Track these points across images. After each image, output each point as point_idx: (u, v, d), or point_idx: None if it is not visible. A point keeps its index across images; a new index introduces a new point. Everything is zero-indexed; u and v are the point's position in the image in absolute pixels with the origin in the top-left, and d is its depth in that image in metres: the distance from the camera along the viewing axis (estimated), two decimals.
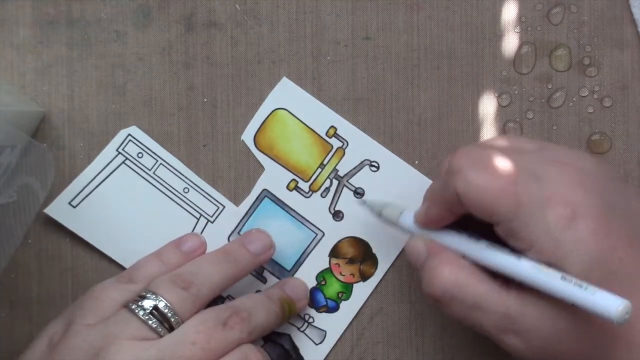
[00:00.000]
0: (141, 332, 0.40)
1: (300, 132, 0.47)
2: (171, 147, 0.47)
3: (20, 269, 0.47)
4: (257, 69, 0.47)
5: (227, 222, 0.47)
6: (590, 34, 0.47)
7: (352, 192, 0.47)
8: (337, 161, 0.47)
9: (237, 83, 0.47)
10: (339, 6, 0.47)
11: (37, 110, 0.46)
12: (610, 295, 0.34)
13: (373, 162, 0.47)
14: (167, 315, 0.40)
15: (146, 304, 0.40)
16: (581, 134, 0.47)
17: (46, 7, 0.47)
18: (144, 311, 0.40)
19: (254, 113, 0.47)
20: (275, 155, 0.47)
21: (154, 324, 0.40)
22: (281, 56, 0.47)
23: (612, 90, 0.47)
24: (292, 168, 0.47)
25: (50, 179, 0.46)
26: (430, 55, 0.47)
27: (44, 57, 0.47)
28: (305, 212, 0.47)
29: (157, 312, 0.40)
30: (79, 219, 0.46)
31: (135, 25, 0.47)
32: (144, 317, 0.40)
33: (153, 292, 0.41)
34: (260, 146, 0.47)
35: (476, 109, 0.47)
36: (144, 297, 0.41)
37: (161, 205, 0.47)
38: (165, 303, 0.40)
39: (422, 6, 0.47)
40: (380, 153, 0.47)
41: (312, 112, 0.47)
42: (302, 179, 0.47)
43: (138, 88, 0.47)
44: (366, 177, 0.47)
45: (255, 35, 0.47)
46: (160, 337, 0.40)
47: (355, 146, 0.47)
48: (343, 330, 0.47)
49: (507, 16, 0.47)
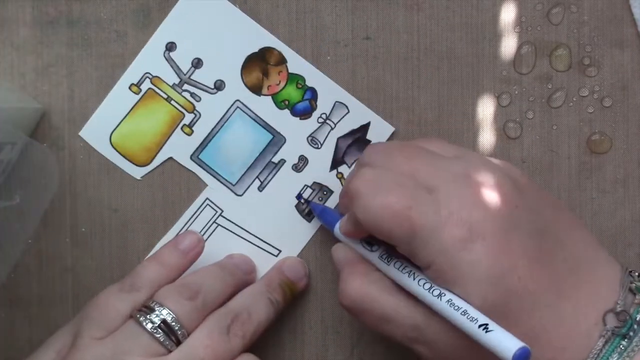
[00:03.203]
0: (151, 347, 0.40)
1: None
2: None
3: (20, 269, 0.47)
4: None
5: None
6: (590, 34, 0.47)
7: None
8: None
9: None
10: (339, 6, 0.47)
11: (36, 107, 0.46)
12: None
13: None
14: (174, 329, 0.40)
15: (155, 318, 0.40)
16: (581, 134, 0.47)
17: (46, 7, 0.47)
18: (152, 324, 0.40)
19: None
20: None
21: (162, 337, 0.40)
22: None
23: (612, 90, 0.47)
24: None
25: (53, 181, 0.46)
26: (430, 56, 0.47)
27: (44, 57, 0.47)
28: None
29: (165, 325, 0.40)
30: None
31: (135, 25, 0.47)
32: (152, 331, 0.40)
33: (160, 304, 0.41)
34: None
35: (476, 109, 0.47)
36: (152, 309, 0.41)
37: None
38: (172, 316, 0.40)
39: (422, 6, 0.47)
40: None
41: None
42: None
43: None
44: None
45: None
46: (169, 352, 0.40)
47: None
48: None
49: (507, 16, 0.47)
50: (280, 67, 0.47)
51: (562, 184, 0.47)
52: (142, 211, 0.47)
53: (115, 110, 0.47)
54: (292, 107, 0.47)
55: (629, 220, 0.47)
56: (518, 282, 0.36)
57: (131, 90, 0.47)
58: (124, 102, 0.47)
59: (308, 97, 0.47)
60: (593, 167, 0.47)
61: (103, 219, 0.47)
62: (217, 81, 0.47)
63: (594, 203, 0.47)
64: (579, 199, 0.47)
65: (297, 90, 0.47)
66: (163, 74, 0.47)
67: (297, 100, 0.47)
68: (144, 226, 0.47)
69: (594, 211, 0.47)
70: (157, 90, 0.47)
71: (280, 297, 0.45)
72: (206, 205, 0.47)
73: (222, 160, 0.47)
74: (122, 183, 0.47)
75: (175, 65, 0.47)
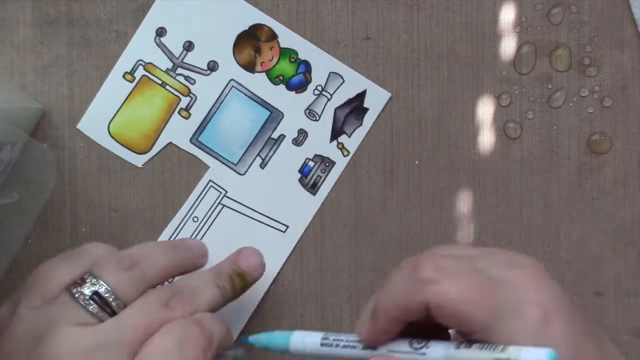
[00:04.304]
0: (83, 318, 0.39)
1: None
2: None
3: (20, 269, 0.47)
4: None
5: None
6: (590, 34, 0.47)
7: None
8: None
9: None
10: (339, 6, 0.47)
11: (36, 107, 0.46)
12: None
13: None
14: (108, 300, 0.40)
15: (86, 290, 0.39)
16: (581, 134, 0.47)
17: (46, 7, 0.47)
18: (84, 296, 0.39)
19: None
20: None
21: (94, 309, 0.39)
22: None
23: (612, 90, 0.47)
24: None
25: (51, 180, 0.46)
26: (430, 55, 0.47)
27: (44, 57, 0.47)
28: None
29: (98, 297, 0.39)
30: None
31: (135, 25, 0.47)
32: (84, 303, 0.39)
33: (95, 276, 0.40)
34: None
35: (476, 109, 0.47)
36: (85, 280, 0.40)
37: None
38: (106, 287, 0.40)
39: (422, 6, 0.47)
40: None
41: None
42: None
43: None
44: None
45: None
46: (101, 322, 0.39)
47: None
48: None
49: (507, 16, 0.47)
50: (272, 43, 0.47)
51: (562, 184, 0.47)
52: (142, 211, 0.47)
53: (111, 101, 0.47)
54: (287, 81, 0.47)
55: (629, 220, 0.47)
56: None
57: (125, 79, 0.47)
58: (119, 92, 0.47)
59: (302, 70, 0.47)
60: (593, 167, 0.47)
61: (103, 219, 0.47)
62: (210, 62, 0.47)
63: (594, 203, 0.47)
64: (579, 199, 0.47)
65: (291, 64, 0.47)
66: (155, 60, 0.47)
67: (292, 74, 0.47)
68: (144, 226, 0.47)
69: (594, 211, 0.47)
70: (151, 76, 0.47)
71: (228, 284, 0.43)
72: (210, 187, 0.47)
73: (222, 141, 0.47)
74: (122, 180, 0.47)
75: (167, 50, 0.47)
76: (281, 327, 0.47)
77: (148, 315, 0.39)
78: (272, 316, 0.47)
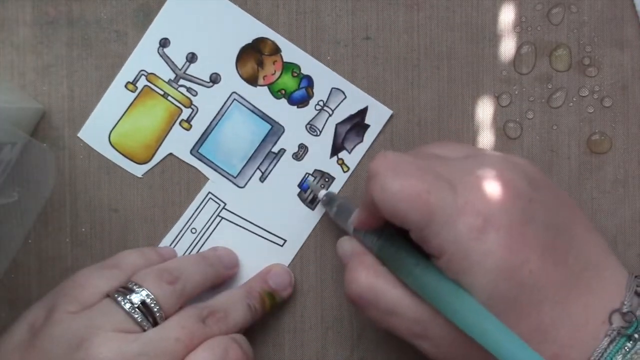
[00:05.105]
0: (125, 324, 0.40)
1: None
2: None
3: (20, 269, 0.47)
4: None
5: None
6: (590, 34, 0.47)
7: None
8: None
9: None
10: (339, 6, 0.47)
11: (36, 107, 0.46)
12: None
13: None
14: (153, 310, 0.40)
15: (134, 298, 0.40)
16: (581, 134, 0.47)
17: (46, 7, 0.47)
18: (131, 304, 0.40)
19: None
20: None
21: (139, 317, 0.40)
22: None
23: (612, 90, 0.47)
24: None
25: (51, 180, 0.46)
26: (430, 55, 0.47)
27: (44, 57, 0.47)
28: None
29: (143, 305, 0.40)
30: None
31: (135, 25, 0.47)
32: (130, 310, 0.40)
33: (139, 285, 0.41)
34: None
35: (476, 109, 0.47)
36: (131, 289, 0.41)
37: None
38: (152, 297, 0.41)
39: (422, 6, 0.47)
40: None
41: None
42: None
43: None
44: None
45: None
46: (144, 331, 0.40)
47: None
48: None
49: (507, 16, 0.47)
50: (275, 57, 0.47)
51: (562, 184, 0.47)
52: (142, 211, 0.47)
53: (113, 110, 0.47)
54: (289, 96, 0.47)
55: (629, 220, 0.47)
56: (529, 275, 0.36)
57: (127, 88, 0.47)
58: (120, 101, 0.47)
59: (304, 85, 0.47)
60: (593, 167, 0.47)
61: (103, 219, 0.47)
62: (213, 74, 0.47)
63: (594, 203, 0.47)
64: (579, 199, 0.47)
65: (293, 79, 0.47)
66: (158, 70, 0.47)
67: (294, 89, 0.47)
68: (144, 226, 0.47)
69: (594, 211, 0.47)
70: (153, 87, 0.47)
71: (259, 305, 0.45)
72: (209, 199, 0.47)
73: (222, 153, 0.47)
74: (123, 182, 0.47)
75: (169, 61, 0.47)
76: (281, 327, 0.47)
77: (188, 330, 0.40)
78: (272, 316, 0.47)
